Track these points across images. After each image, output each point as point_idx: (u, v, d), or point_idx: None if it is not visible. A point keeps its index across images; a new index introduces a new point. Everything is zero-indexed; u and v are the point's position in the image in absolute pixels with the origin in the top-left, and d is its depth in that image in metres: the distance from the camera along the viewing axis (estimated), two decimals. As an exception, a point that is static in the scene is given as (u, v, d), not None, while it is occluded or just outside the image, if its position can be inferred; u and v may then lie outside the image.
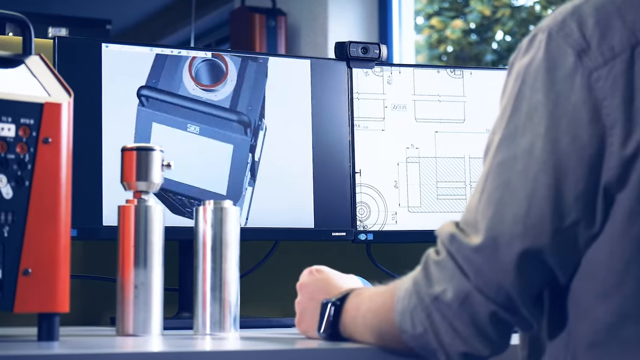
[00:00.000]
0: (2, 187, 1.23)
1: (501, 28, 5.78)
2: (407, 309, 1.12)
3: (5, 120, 1.24)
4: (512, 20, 5.67)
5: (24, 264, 1.24)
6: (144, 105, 1.72)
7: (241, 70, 1.80)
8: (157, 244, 1.43)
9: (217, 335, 1.44)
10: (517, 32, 5.73)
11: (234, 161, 1.78)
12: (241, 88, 1.80)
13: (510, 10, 5.76)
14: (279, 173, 1.82)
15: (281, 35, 5.24)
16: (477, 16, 5.90)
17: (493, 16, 5.76)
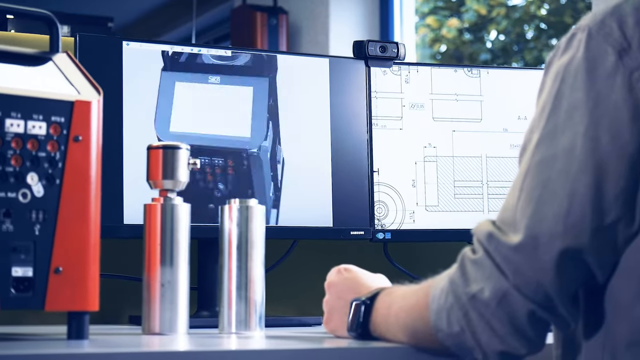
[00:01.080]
0: (33, 185, 1.23)
1: (495, 27, 5.78)
2: (443, 308, 1.12)
3: (37, 118, 1.24)
4: (506, 20, 5.68)
5: (55, 262, 1.24)
6: (167, 70, 1.72)
7: (258, 67, 1.81)
8: (183, 243, 1.42)
9: (242, 334, 1.44)
10: (512, 31, 5.74)
11: (255, 103, 1.78)
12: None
13: (506, 10, 5.77)
14: (298, 172, 1.82)
15: (282, 34, 5.24)
16: (473, 15, 5.91)
17: (488, 15, 5.77)
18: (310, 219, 1.82)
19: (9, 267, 1.20)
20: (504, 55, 5.78)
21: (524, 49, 5.67)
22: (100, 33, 4.19)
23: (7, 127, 1.22)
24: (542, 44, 5.58)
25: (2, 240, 1.20)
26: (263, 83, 1.80)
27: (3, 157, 1.21)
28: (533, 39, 5.62)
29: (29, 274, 1.22)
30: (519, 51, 5.73)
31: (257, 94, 1.79)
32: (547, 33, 5.55)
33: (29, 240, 1.22)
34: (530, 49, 5.62)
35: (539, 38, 5.61)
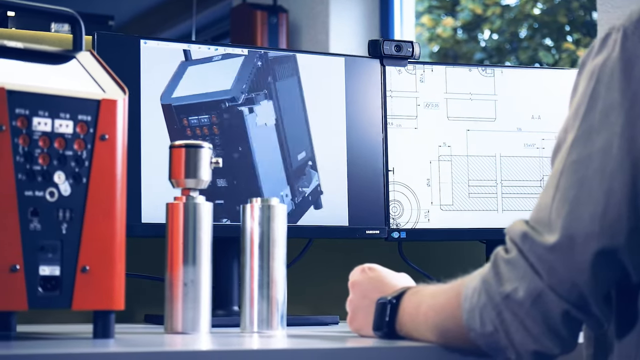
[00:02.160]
0: (60, 184, 1.23)
1: (489, 27, 5.79)
2: (475, 308, 1.11)
3: (64, 117, 1.24)
4: (500, 19, 5.68)
5: (81, 261, 1.23)
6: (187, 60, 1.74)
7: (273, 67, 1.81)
8: (206, 242, 1.42)
9: (264, 333, 1.44)
10: (506, 31, 5.74)
11: (244, 64, 1.78)
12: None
13: (501, 9, 5.77)
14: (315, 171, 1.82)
15: (282, 32, 5.24)
16: (468, 14, 5.91)
17: (484, 14, 5.78)
18: (326, 217, 1.82)
19: (36, 266, 1.20)
20: (498, 54, 5.78)
21: (518, 48, 5.68)
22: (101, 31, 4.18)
23: (34, 126, 1.21)
24: (536, 43, 5.59)
25: (30, 239, 1.19)
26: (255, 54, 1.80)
27: (31, 155, 1.20)
28: (527, 39, 5.62)
29: (56, 272, 1.22)
30: (512, 50, 5.73)
31: (247, 61, 1.78)
32: (541, 32, 5.56)
33: (56, 239, 1.22)
34: (524, 48, 5.62)
35: (533, 37, 5.62)
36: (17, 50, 1.30)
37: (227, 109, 1.74)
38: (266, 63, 1.78)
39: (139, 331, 1.51)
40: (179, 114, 1.71)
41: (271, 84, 1.78)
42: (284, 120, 1.79)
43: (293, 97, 1.81)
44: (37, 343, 1.23)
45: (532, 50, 5.54)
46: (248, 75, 1.76)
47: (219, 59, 1.76)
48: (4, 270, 1.17)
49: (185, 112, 1.71)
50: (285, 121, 1.79)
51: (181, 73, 1.72)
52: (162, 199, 1.63)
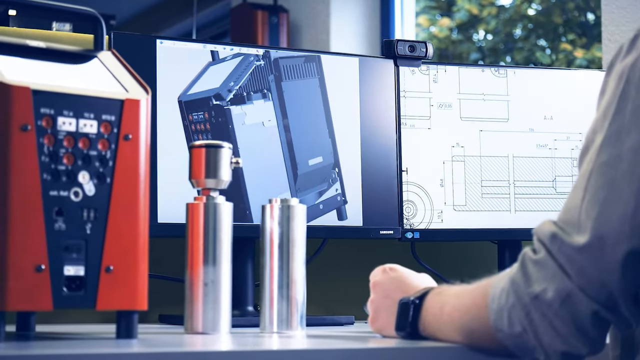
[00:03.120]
0: (84, 184, 1.23)
1: (485, 27, 5.79)
2: (503, 308, 1.12)
3: (88, 116, 1.23)
4: (495, 20, 5.69)
5: (105, 261, 1.23)
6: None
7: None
8: (226, 242, 1.42)
9: (284, 333, 1.44)
10: (501, 31, 5.75)
11: (239, 65, 1.77)
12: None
13: (497, 9, 5.78)
14: (329, 171, 1.82)
15: (283, 32, 5.24)
16: (465, 14, 5.92)
17: (480, 14, 5.78)
18: (342, 220, 1.82)
19: (61, 266, 1.20)
20: (492, 54, 5.79)
21: (513, 49, 5.68)
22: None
23: (59, 126, 1.21)
24: (531, 43, 5.59)
25: (55, 239, 1.19)
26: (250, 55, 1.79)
27: (56, 155, 1.20)
28: (522, 39, 5.63)
29: (80, 272, 1.21)
30: (507, 51, 5.73)
31: (244, 60, 1.77)
32: (536, 33, 5.57)
33: (81, 239, 1.22)
34: (519, 48, 5.63)
35: (528, 38, 5.62)
36: (39, 49, 1.30)
37: (214, 107, 1.73)
38: (269, 62, 1.78)
39: (157, 331, 1.51)
40: (187, 110, 1.71)
41: (272, 83, 1.78)
42: (292, 123, 1.79)
43: (307, 99, 1.80)
44: (61, 343, 1.23)
45: (527, 50, 5.54)
46: (240, 73, 1.75)
47: (230, 58, 1.76)
48: (29, 270, 1.17)
49: (190, 108, 1.71)
50: (293, 124, 1.79)
51: (203, 72, 1.72)
52: (178, 199, 1.63)
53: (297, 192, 1.77)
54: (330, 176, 1.81)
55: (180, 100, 1.71)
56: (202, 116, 1.71)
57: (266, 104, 1.77)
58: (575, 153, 1.99)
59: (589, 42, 5.24)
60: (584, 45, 5.28)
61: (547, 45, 5.54)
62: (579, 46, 5.31)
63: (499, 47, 5.81)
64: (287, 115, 1.78)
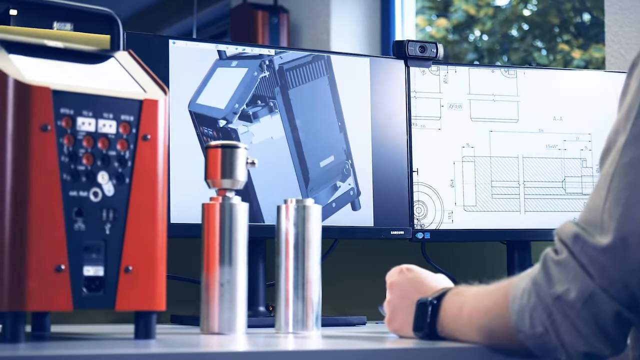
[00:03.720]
0: (104, 184, 1.22)
1: (481, 28, 5.79)
2: (525, 309, 1.12)
3: (107, 117, 1.23)
4: (491, 20, 5.69)
5: (125, 261, 1.23)
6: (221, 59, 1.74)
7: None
8: (242, 242, 1.42)
9: (300, 333, 1.43)
10: (497, 31, 5.75)
11: (243, 79, 1.76)
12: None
13: (494, 10, 5.78)
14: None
15: (283, 32, 5.24)
16: (462, 15, 5.92)
17: (477, 15, 5.78)
18: (351, 218, 1.82)
19: (81, 266, 1.20)
20: (488, 55, 5.79)
21: (509, 49, 5.69)
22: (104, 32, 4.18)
23: (78, 126, 1.21)
24: (527, 44, 5.60)
25: (75, 239, 1.19)
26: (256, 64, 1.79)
27: (75, 155, 1.20)
28: (518, 40, 5.63)
29: (100, 273, 1.21)
30: (503, 51, 5.74)
31: (248, 74, 1.77)
32: (533, 33, 5.57)
33: (100, 239, 1.21)
34: (515, 49, 5.63)
35: (524, 38, 5.63)
36: (57, 49, 1.30)
37: (221, 129, 1.73)
38: (273, 72, 1.77)
39: (171, 331, 1.51)
40: (198, 122, 1.71)
41: (278, 95, 1.78)
42: (302, 128, 1.79)
43: (316, 100, 1.80)
44: (81, 344, 1.23)
45: (523, 51, 5.55)
46: (244, 91, 1.74)
47: (236, 65, 1.75)
48: (49, 271, 1.17)
49: (200, 121, 1.71)
50: (303, 129, 1.79)
51: (210, 75, 1.72)
52: (190, 200, 1.63)
53: (308, 193, 1.77)
54: (344, 168, 1.81)
55: (191, 111, 1.70)
56: (212, 134, 1.71)
57: (273, 118, 1.77)
58: (585, 154, 2.00)
59: (586, 42, 5.25)
60: (581, 46, 5.29)
61: (543, 46, 5.54)
62: (576, 47, 5.32)
63: (495, 48, 5.81)
64: (295, 123, 1.78)
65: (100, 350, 1.12)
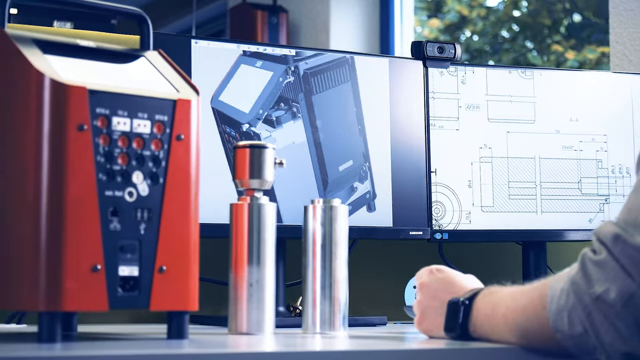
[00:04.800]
0: (138, 184, 1.22)
1: (472, 28, 5.80)
2: (564, 309, 1.12)
3: (142, 116, 1.23)
4: (483, 21, 5.70)
5: (159, 261, 1.23)
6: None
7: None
8: (270, 242, 1.42)
9: (327, 334, 1.44)
10: (488, 32, 5.76)
11: (268, 84, 1.77)
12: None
13: (486, 11, 5.79)
14: (359, 171, 1.82)
15: (282, 32, 5.24)
16: (455, 16, 5.93)
17: (470, 16, 5.79)
18: (370, 218, 1.82)
19: (116, 266, 1.19)
20: (479, 56, 5.80)
21: (499, 50, 5.70)
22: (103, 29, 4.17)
23: (114, 125, 1.21)
24: (518, 45, 5.61)
25: (110, 239, 1.19)
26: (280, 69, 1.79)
27: (111, 155, 1.20)
28: (509, 41, 5.64)
29: (134, 273, 1.21)
30: (493, 52, 5.75)
31: (273, 79, 1.77)
32: (524, 34, 5.58)
33: (135, 239, 1.21)
34: (506, 50, 5.65)
35: (515, 39, 5.64)
36: (88, 49, 1.30)
37: (244, 133, 1.73)
38: (298, 78, 1.78)
39: (196, 332, 1.50)
40: (220, 120, 1.71)
41: (302, 101, 1.78)
42: (324, 133, 1.79)
43: (338, 106, 1.80)
44: (116, 344, 1.23)
45: (514, 52, 5.56)
46: (268, 97, 1.75)
47: (261, 66, 1.75)
48: (86, 271, 1.17)
49: (223, 119, 1.71)
50: (325, 134, 1.79)
51: (234, 71, 1.72)
52: (213, 200, 1.63)
53: (326, 195, 1.77)
54: (361, 170, 1.81)
55: (213, 107, 1.70)
56: (234, 134, 1.72)
57: (296, 123, 1.77)
58: (600, 155, 2.00)
59: (578, 43, 5.26)
60: (573, 47, 5.30)
61: (533, 47, 5.55)
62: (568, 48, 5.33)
63: (485, 49, 5.82)
64: (317, 128, 1.78)
65: (139, 351, 1.12)
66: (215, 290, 1.76)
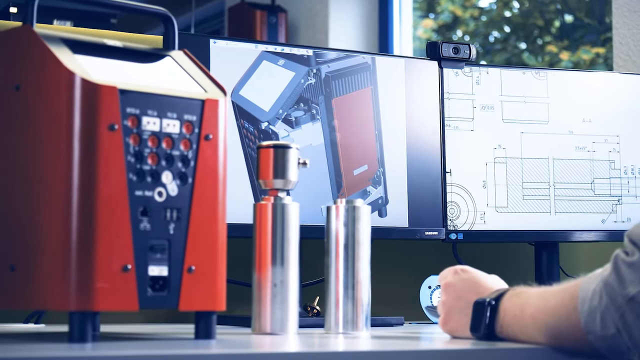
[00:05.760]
0: (167, 184, 1.22)
1: (464, 29, 5.81)
2: (596, 310, 1.12)
3: (171, 116, 1.23)
4: (475, 22, 5.70)
5: (188, 261, 1.23)
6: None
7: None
8: (294, 242, 1.42)
9: (350, 334, 1.44)
10: (480, 33, 5.77)
11: (289, 84, 1.77)
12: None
13: (479, 11, 5.80)
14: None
15: (281, 32, 5.23)
16: (448, 16, 5.94)
17: (463, 16, 5.80)
18: (386, 219, 1.82)
19: (146, 266, 1.19)
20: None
21: (491, 51, 5.70)
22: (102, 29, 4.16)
23: (144, 125, 1.20)
24: (511, 45, 5.62)
25: (141, 239, 1.19)
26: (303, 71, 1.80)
27: (141, 155, 1.20)
28: (501, 41, 5.65)
29: (164, 273, 1.21)
30: (485, 53, 5.76)
31: (294, 80, 1.78)
32: (517, 35, 5.59)
33: (164, 239, 1.21)
34: (498, 50, 5.65)
35: (507, 40, 5.65)
36: (115, 48, 1.29)
37: (262, 131, 1.73)
38: (319, 80, 1.78)
39: (225, 331, 1.50)
40: (240, 114, 1.71)
41: (322, 103, 1.78)
42: (341, 136, 1.79)
43: (357, 110, 1.81)
44: (145, 343, 1.23)
45: (507, 52, 5.57)
46: (289, 97, 1.75)
47: (283, 64, 1.75)
48: (116, 270, 1.16)
49: (242, 114, 1.71)
50: (342, 137, 1.79)
51: (255, 66, 1.72)
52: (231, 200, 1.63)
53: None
54: (375, 175, 1.81)
55: (233, 101, 1.70)
56: (253, 131, 1.72)
57: (314, 125, 1.77)
58: (613, 155, 2.01)
59: (571, 44, 5.27)
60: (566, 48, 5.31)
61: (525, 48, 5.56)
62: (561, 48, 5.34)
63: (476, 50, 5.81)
64: (335, 131, 1.78)
65: (172, 351, 1.12)
66: (228, 289, 1.75)
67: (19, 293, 1.21)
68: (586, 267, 2.15)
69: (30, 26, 1.24)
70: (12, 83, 1.23)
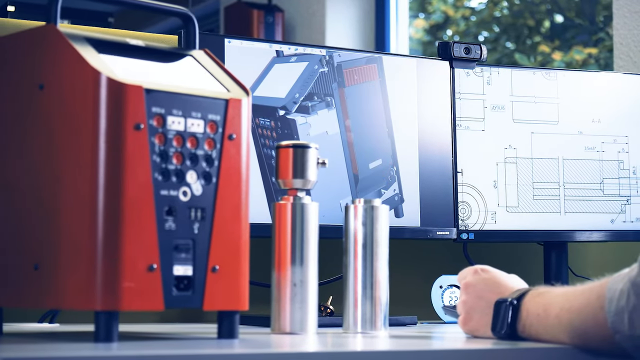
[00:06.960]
0: (192, 184, 1.22)
1: (455, 29, 5.82)
2: (624, 310, 1.13)
3: (195, 116, 1.23)
4: (465, 22, 5.71)
5: (212, 261, 1.23)
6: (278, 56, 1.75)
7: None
8: (313, 242, 1.42)
9: (369, 333, 1.44)
10: (472, 33, 5.79)
11: (304, 72, 1.77)
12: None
13: (470, 11, 5.81)
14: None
15: (278, 32, 5.24)
16: (440, 16, 5.95)
17: (455, 16, 5.80)
18: (398, 218, 1.83)
19: (171, 265, 1.19)
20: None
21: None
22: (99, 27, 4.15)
23: (169, 125, 1.20)
24: (501, 45, 5.63)
25: (166, 238, 1.19)
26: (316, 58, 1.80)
27: (166, 154, 1.20)
28: (491, 41, 5.67)
29: (189, 272, 1.21)
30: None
31: (309, 67, 1.78)
32: (508, 35, 5.60)
33: (189, 238, 1.21)
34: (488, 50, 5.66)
35: (498, 40, 5.66)
36: (138, 48, 1.29)
37: (280, 118, 1.74)
38: (332, 68, 1.78)
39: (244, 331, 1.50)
40: (254, 113, 1.71)
41: (335, 90, 1.78)
42: (354, 128, 1.79)
43: (368, 102, 1.81)
44: (169, 343, 1.23)
45: (497, 52, 5.58)
46: (304, 82, 1.75)
47: (295, 60, 1.76)
48: (142, 270, 1.16)
49: (257, 111, 1.71)
50: (355, 129, 1.79)
51: (268, 70, 1.72)
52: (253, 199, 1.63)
53: (357, 195, 1.78)
54: (389, 174, 1.82)
55: (246, 101, 1.71)
56: (269, 124, 1.72)
57: (330, 112, 1.77)
58: (622, 156, 2.02)
59: (563, 44, 5.29)
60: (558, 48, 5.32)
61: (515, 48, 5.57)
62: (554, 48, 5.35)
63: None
64: (349, 121, 1.79)
65: (198, 351, 1.12)
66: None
67: (41, 292, 1.21)
68: (595, 267, 2.17)
69: (54, 25, 1.24)
70: (36, 82, 1.23)
